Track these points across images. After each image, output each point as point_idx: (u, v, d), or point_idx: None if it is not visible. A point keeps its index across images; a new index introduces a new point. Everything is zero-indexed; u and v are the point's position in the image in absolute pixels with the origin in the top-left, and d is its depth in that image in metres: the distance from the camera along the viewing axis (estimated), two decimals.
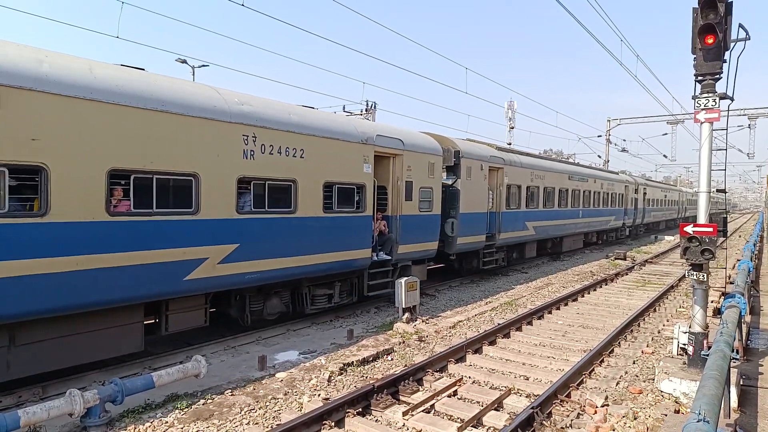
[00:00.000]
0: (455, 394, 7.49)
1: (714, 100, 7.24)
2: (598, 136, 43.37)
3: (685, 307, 13.43)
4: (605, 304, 14.26)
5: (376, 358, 8.96)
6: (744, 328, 8.91)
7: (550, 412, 6.88)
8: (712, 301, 11.36)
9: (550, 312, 12.87)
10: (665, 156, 51.06)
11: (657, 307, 13.69)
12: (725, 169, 8.25)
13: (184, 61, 28.21)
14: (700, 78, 7.37)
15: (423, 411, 6.80)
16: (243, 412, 6.63)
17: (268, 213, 9.21)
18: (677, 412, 6.66)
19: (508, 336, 10.57)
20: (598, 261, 23.83)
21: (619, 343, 10.18)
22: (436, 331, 10.73)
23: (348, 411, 6.56)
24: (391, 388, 7.35)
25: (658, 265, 22.91)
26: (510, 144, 40.74)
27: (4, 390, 6.83)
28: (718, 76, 7.27)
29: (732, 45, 7.23)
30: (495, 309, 13.07)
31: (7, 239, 6.02)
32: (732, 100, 7.41)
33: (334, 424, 6.32)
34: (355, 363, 8.51)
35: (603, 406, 6.96)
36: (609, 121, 42.60)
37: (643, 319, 12.26)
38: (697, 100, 7.37)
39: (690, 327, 7.58)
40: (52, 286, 6.40)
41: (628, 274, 19.95)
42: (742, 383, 7.02)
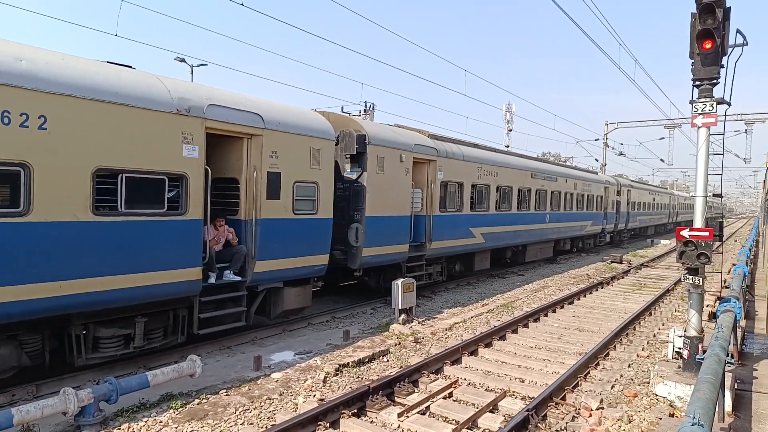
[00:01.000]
0: (450, 395, 7.48)
1: (711, 105, 7.27)
2: (596, 140, 43.50)
3: (681, 311, 13.46)
4: (601, 307, 14.28)
5: (372, 359, 8.95)
6: (739, 332, 8.93)
7: (545, 414, 6.88)
8: (708, 306, 11.40)
9: (546, 315, 12.88)
10: (662, 160, 51.26)
11: (653, 311, 13.72)
12: (722, 174, 8.28)
13: (183, 60, 28.19)
14: (697, 83, 7.40)
15: (418, 412, 6.80)
16: (238, 412, 6.61)
17: None
18: (672, 415, 6.68)
19: (504, 338, 10.58)
20: (594, 264, 23.87)
21: (614, 346, 10.19)
22: (432, 333, 10.73)
23: (343, 412, 6.55)
24: (387, 389, 7.34)
25: (654, 269, 22.96)
26: (508, 146, 40.82)
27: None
28: (715, 81, 7.31)
29: (730, 50, 7.27)
30: (491, 311, 13.08)
31: None
32: (729, 105, 7.45)
33: (329, 425, 6.31)
34: (350, 364, 8.50)
35: (598, 409, 6.97)
36: (607, 124, 42.71)
37: (639, 323, 12.28)
38: (694, 104, 7.40)
39: (685, 331, 7.60)
40: None
41: (624, 278, 19.99)
42: (736, 387, 7.05)
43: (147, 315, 7.88)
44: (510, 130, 46.37)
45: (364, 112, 26.70)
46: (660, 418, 6.50)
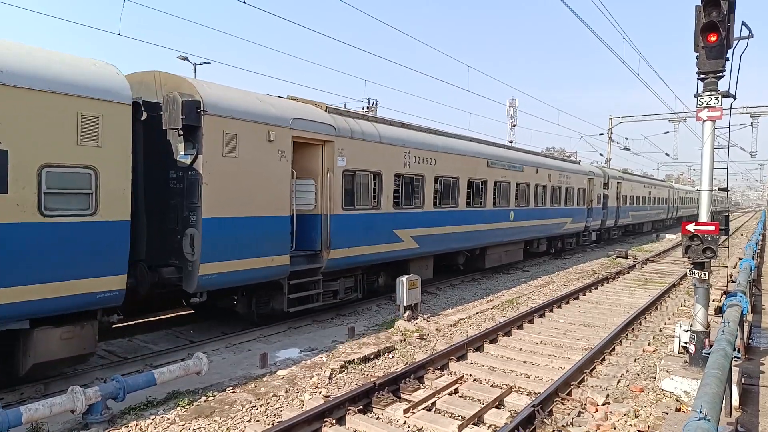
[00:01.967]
0: (456, 392, 7.49)
1: (716, 99, 7.22)
2: (600, 134, 43.38)
3: (687, 306, 13.42)
4: (606, 302, 14.25)
5: (378, 355, 8.97)
6: (746, 326, 8.90)
7: (551, 410, 6.88)
8: (714, 300, 11.33)
9: (552, 310, 12.86)
10: (667, 154, 51.02)
11: (658, 306, 13.68)
12: (727, 168, 8.26)
13: (186, 59, 28.22)
14: (702, 76, 7.35)
15: (424, 409, 6.81)
16: (244, 410, 6.64)
17: None
18: (678, 410, 6.66)
19: (509, 334, 10.57)
20: (599, 259, 23.81)
21: (620, 341, 10.17)
22: (437, 329, 10.74)
23: (349, 408, 6.57)
24: (392, 385, 7.36)
25: (659, 264, 22.88)
26: (512, 142, 40.73)
27: (7, 387, 6.85)
28: (720, 74, 7.25)
29: (735, 43, 7.21)
30: (496, 307, 13.07)
31: None
32: (734, 98, 7.40)
33: (335, 421, 6.33)
34: (356, 361, 8.52)
35: (604, 405, 6.96)
36: (611, 119, 42.53)
37: (645, 318, 12.25)
38: (699, 98, 7.35)
39: (691, 325, 7.57)
40: None
41: (629, 273, 19.93)
42: (743, 382, 7.02)
43: None
44: (514, 126, 46.27)
45: (367, 108, 26.67)
46: (666, 413, 6.48)
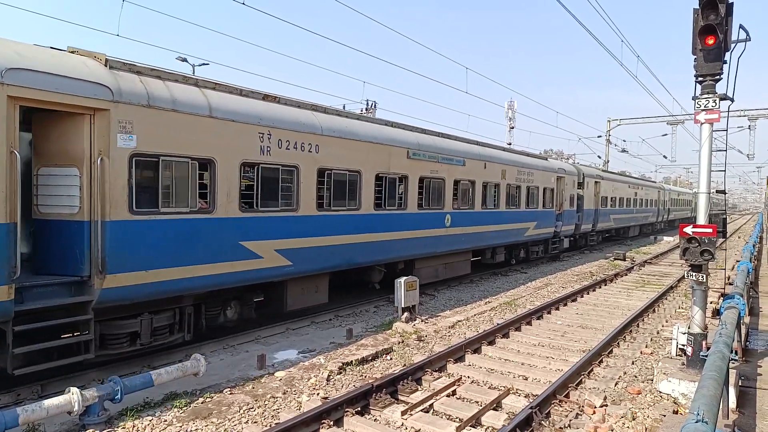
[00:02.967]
0: (454, 393, 7.49)
1: (714, 101, 7.24)
2: (598, 137, 43.38)
3: (684, 308, 13.44)
4: (604, 304, 14.26)
5: (375, 357, 8.96)
6: (743, 329, 8.92)
7: (549, 412, 6.88)
8: (711, 302, 11.36)
9: (550, 312, 12.87)
10: (665, 157, 51.06)
11: (656, 308, 13.69)
12: (725, 170, 8.26)
13: (185, 60, 28.17)
14: (700, 79, 7.38)
15: (422, 410, 6.81)
16: (242, 411, 6.63)
17: None
18: (676, 412, 6.67)
19: (507, 336, 10.58)
20: (597, 261, 23.82)
21: (618, 343, 10.18)
22: (435, 331, 10.73)
23: (347, 410, 6.56)
24: (390, 387, 7.36)
25: (657, 266, 22.92)
26: (510, 144, 40.76)
27: (3, 388, 6.83)
28: (718, 77, 7.28)
29: (732, 46, 7.24)
30: (494, 309, 13.08)
31: None
32: (732, 101, 7.43)
33: (333, 423, 6.32)
34: (354, 362, 8.51)
35: (602, 407, 6.97)
36: (609, 121, 42.59)
37: (642, 320, 12.27)
38: (697, 101, 7.37)
39: (689, 328, 7.59)
40: None
41: (627, 275, 19.95)
42: (740, 384, 7.03)
43: None
44: (512, 128, 46.34)
45: (366, 110, 26.69)
46: (664, 415, 6.49)
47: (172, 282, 7.95)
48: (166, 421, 6.27)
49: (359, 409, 6.73)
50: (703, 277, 7.36)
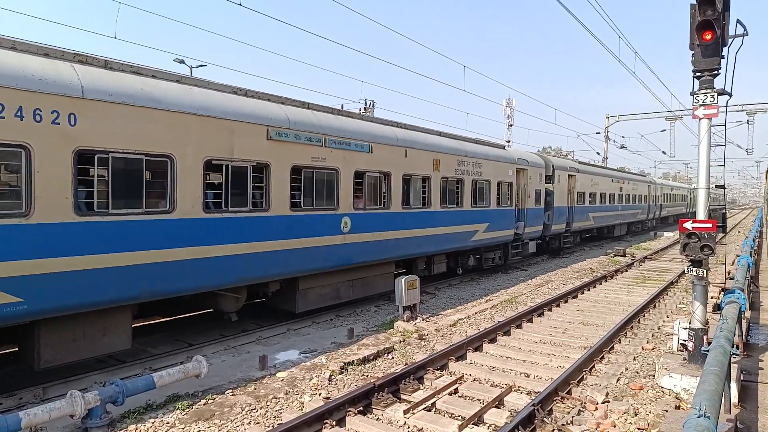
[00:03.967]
0: (456, 392, 7.49)
1: (712, 96, 7.25)
2: (597, 133, 43.44)
3: (685, 303, 13.45)
4: (605, 300, 14.27)
5: (377, 356, 8.96)
6: (744, 323, 8.91)
7: (551, 409, 6.88)
8: (712, 297, 11.37)
9: (551, 309, 12.88)
10: (664, 152, 51.16)
11: (657, 304, 13.70)
12: (724, 165, 8.26)
13: (182, 62, 28.17)
14: (698, 74, 7.38)
15: (424, 409, 6.81)
16: (244, 412, 6.63)
17: None
18: (678, 407, 6.67)
19: (508, 333, 10.58)
20: (597, 258, 23.84)
21: (619, 339, 10.19)
22: (436, 329, 10.74)
23: (349, 410, 6.56)
24: (392, 386, 7.36)
25: (657, 262, 22.93)
26: (509, 141, 40.74)
27: (5, 391, 6.83)
28: (716, 72, 7.28)
29: (730, 41, 7.24)
30: (495, 307, 13.08)
31: None
32: (730, 95, 7.43)
33: (335, 423, 6.32)
34: (355, 362, 8.51)
35: (604, 403, 6.97)
36: (608, 117, 42.63)
37: (643, 316, 12.27)
38: (695, 96, 7.38)
39: (690, 323, 7.59)
40: None
41: (627, 271, 19.96)
42: (742, 379, 7.03)
43: None
44: (511, 125, 46.38)
45: (364, 109, 26.69)
46: (666, 411, 6.49)
47: None
48: (168, 423, 6.27)
49: (361, 408, 6.73)
50: (703, 272, 7.37)
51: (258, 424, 6.38)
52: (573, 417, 6.65)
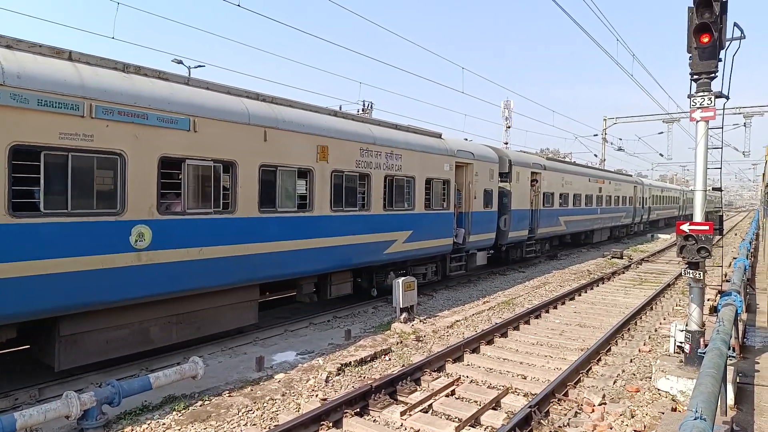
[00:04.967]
0: (453, 393, 7.49)
1: (710, 99, 7.27)
2: (595, 135, 43.57)
3: (682, 306, 13.47)
4: (602, 302, 14.28)
5: (374, 358, 8.95)
6: (740, 326, 8.94)
7: (548, 411, 6.88)
8: (709, 299, 11.40)
9: (548, 311, 12.88)
10: (661, 155, 51.29)
11: (654, 306, 13.72)
12: (721, 168, 8.29)
13: (180, 62, 28.17)
14: (695, 77, 7.40)
15: (421, 411, 6.80)
16: (240, 413, 6.62)
17: None
18: (674, 410, 6.68)
19: (505, 335, 10.58)
20: (594, 260, 23.87)
21: (616, 341, 10.20)
22: (433, 331, 10.73)
23: (346, 411, 6.55)
24: (389, 388, 7.35)
25: (654, 264, 22.97)
26: (507, 143, 40.79)
27: (0, 392, 6.80)
28: (713, 74, 7.31)
29: (727, 44, 7.27)
30: (492, 308, 13.08)
31: None
32: (727, 98, 7.46)
33: (332, 424, 6.31)
34: (352, 363, 8.50)
35: (600, 405, 6.97)
36: (605, 120, 42.73)
37: (640, 318, 12.29)
38: (692, 98, 7.40)
39: (687, 325, 7.60)
40: None
41: (624, 273, 19.99)
42: (738, 381, 7.05)
43: None
44: (509, 127, 46.46)
45: (363, 110, 26.71)
46: (662, 413, 6.50)
47: None
48: (164, 424, 6.25)
49: (358, 410, 6.72)
50: (700, 274, 7.38)
51: (254, 425, 6.37)
52: (570, 419, 6.65)
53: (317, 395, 7.24)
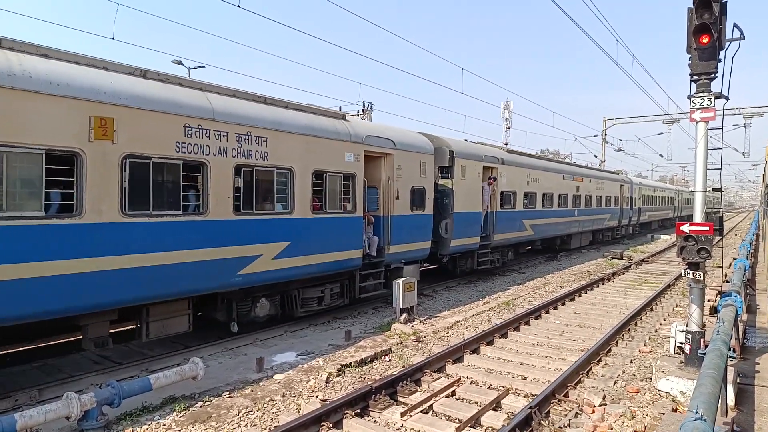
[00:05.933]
0: (453, 394, 7.49)
1: (709, 100, 7.28)
2: (594, 136, 43.58)
3: (682, 306, 13.47)
4: (602, 303, 14.28)
5: (374, 359, 8.95)
6: (740, 326, 8.95)
7: (548, 411, 6.88)
8: (709, 300, 11.39)
9: (548, 311, 12.88)
10: (661, 155, 51.29)
11: (654, 306, 13.72)
12: (721, 168, 8.29)
13: (180, 63, 28.16)
14: (695, 77, 7.41)
15: (421, 411, 6.80)
16: (241, 414, 6.61)
17: None
18: (674, 410, 6.68)
19: (505, 336, 10.58)
20: (595, 261, 23.87)
21: (616, 342, 10.19)
22: (433, 332, 10.73)
23: (346, 412, 6.55)
24: (389, 389, 7.35)
25: (654, 264, 22.96)
26: (507, 144, 40.78)
27: (0, 393, 6.80)
28: (713, 75, 7.31)
29: (727, 44, 7.27)
30: (492, 309, 13.08)
31: None
32: (727, 99, 7.46)
33: (332, 425, 6.31)
34: (353, 364, 8.50)
35: (601, 406, 6.97)
36: (605, 120, 42.75)
37: (640, 319, 12.29)
38: (692, 99, 7.40)
39: (687, 326, 7.60)
40: None
41: (624, 274, 19.98)
42: (739, 381, 7.05)
43: None
44: (509, 128, 46.45)
45: (362, 111, 26.71)
46: (663, 414, 6.50)
47: None
48: (164, 425, 6.25)
49: (358, 410, 6.72)
50: (700, 275, 7.38)
51: (255, 426, 6.37)
52: (570, 420, 6.65)
53: (317, 396, 7.24)
